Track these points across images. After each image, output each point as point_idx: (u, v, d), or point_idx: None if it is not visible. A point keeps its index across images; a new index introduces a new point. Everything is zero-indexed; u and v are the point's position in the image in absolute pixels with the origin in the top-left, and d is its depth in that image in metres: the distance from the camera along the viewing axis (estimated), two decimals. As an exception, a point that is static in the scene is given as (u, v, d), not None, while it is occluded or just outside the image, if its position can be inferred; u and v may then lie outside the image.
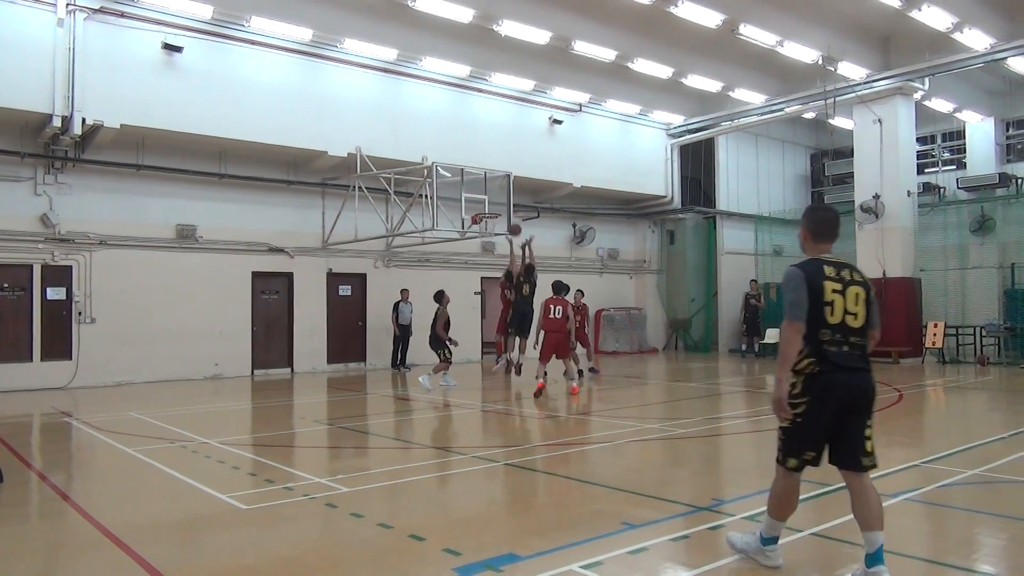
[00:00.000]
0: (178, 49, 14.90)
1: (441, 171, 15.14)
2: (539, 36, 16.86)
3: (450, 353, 14.24)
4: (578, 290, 16.40)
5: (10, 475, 6.76)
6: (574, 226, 23.12)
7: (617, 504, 5.91)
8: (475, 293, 20.92)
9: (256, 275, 17.40)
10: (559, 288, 13.28)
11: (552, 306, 12.97)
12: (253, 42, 15.95)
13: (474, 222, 15.39)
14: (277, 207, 17.67)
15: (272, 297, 17.82)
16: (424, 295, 17.65)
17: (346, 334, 18.75)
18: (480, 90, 19.68)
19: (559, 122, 21.18)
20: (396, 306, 18.16)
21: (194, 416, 11.10)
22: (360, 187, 16.92)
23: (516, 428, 10.24)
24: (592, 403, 12.16)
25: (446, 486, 6.74)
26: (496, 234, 16.51)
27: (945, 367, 17.80)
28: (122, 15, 14.49)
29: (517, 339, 14.50)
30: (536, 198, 21.78)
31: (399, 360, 18.29)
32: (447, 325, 14.54)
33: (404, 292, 18.23)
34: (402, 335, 18.18)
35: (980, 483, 6.39)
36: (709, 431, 9.31)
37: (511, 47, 17.83)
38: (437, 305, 14.76)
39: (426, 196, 15.20)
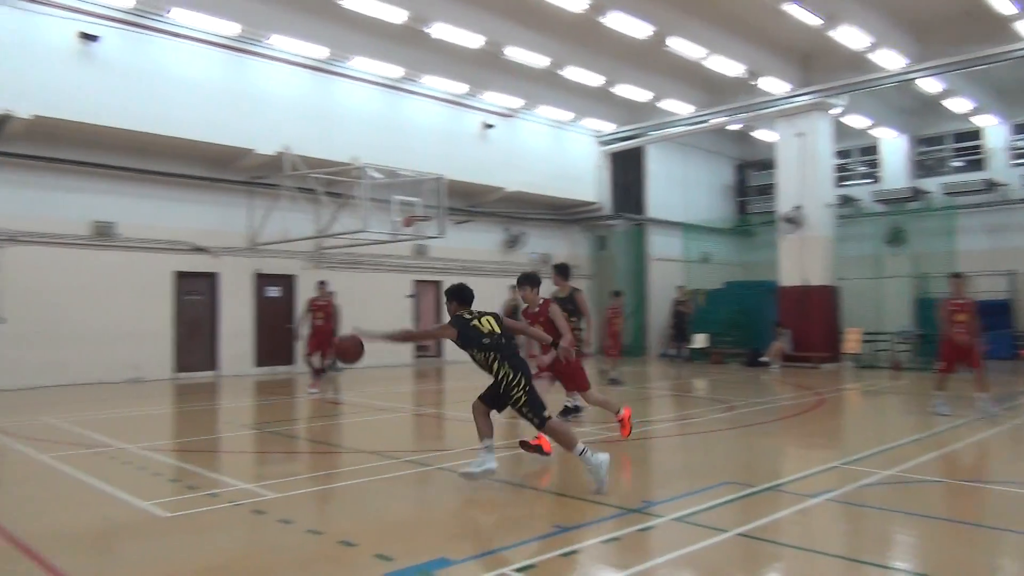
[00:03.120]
0: (94, 38, 14.31)
1: (372, 172, 14.98)
2: (472, 40, 16.84)
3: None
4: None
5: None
6: (507, 230, 23.18)
7: (549, 507, 5.94)
8: (407, 296, 20.73)
9: (179, 275, 16.83)
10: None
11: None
12: (176, 34, 15.44)
13: (406, 224, 15.27)
14: (201, 205, 17.12)
15: (196, 298, 17.24)
16: (355, 297, 17.41)
17: (275, 336, 18.26)
18: (412, 92, 19.55)
19: (491, 126, 21.22)
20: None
21: (112, 421, 10.64)
22: (289, 187, 16.57)
23: (448, 432, 10.18)
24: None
25: (377, 491, 6.63)
26: (428, 237, 16.41)
27: (862, 372, 18.55)
28: (34, 0, 13.82)
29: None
30: (468, 201, 21.76)
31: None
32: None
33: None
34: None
35: (894, 483, 6.68)
36: (639, 434, 9.45)
37: (444, 50, 17.77)
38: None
39: (357, 197, 15.00)
